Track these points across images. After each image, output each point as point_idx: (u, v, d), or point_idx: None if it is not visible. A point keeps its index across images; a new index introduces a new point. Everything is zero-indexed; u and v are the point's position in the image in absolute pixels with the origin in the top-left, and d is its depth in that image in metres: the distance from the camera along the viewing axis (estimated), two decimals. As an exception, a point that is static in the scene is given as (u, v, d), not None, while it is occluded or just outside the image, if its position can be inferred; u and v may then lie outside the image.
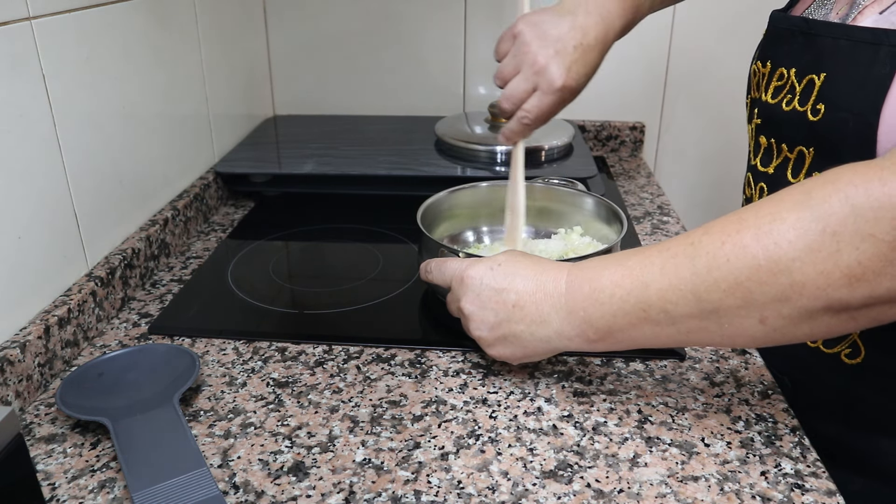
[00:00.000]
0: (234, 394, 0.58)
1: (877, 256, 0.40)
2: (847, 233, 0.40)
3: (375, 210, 0.96)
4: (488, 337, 0.56)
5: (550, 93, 0.63)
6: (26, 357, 0.57)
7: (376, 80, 1.21)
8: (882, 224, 0.39)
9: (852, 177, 0.41)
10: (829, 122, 0.54)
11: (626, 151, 1.21)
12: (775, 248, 0.42)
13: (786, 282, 0.42)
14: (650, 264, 0.48)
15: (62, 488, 0.49)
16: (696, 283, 0.46)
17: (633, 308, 0.49)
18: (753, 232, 0.43)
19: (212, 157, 0.99)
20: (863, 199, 0.40)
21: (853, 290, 0.41)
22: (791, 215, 0.42)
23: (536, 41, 0.63)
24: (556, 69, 0.62)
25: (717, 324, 0.46)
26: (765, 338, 0.46)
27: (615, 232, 0.71)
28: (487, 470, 0.50)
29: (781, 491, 0.48)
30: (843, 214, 0.41)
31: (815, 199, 0.42)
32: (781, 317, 0.44)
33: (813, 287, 0.42)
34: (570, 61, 0.63)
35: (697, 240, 0.46)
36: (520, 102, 0.65)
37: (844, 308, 0.42)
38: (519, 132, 0.67)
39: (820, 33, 0.55)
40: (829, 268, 0.41)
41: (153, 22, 0.80)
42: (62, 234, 0.65)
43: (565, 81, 0.63)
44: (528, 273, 0.54)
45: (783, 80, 0.59)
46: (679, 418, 0.55)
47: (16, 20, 0.58)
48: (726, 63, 1.16)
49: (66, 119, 0.65)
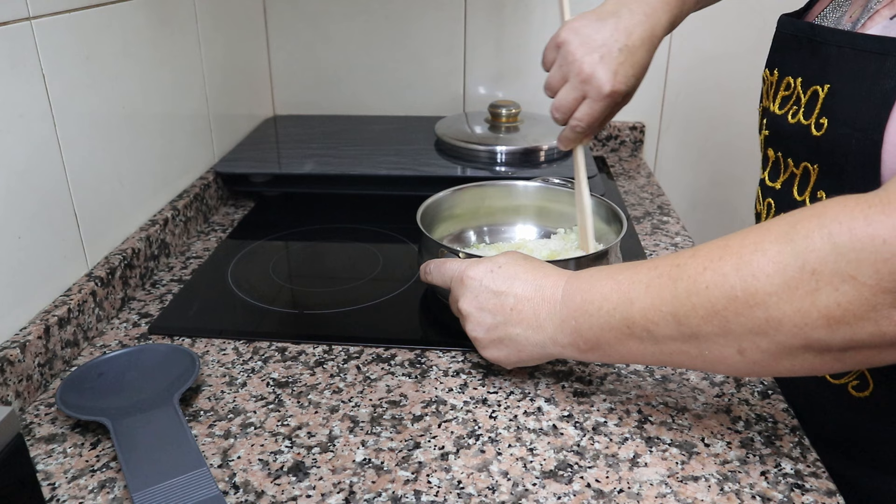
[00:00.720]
0: (234, 394, 0.58)
1: (858, 300, 0.37)
2: (827, 272, 0.38)
3: (375, 210, 0.96)
4: (484, 338, 0.56)
5: (600, 99, 0.63)
6: (26, 357, 0.57)
7: (376, 80, 1.21)
8: (864, 266, 0.37)
9: (838, 212, 0.39)
10: (832, 139, 0.51)
11: (626, 151, 1.21)
12: (753, 281, 0.41)
13: (762, 316, 0.41)
14: (638, 281, 0.47)
15: (62, 488, 0.49)
16: (675, 307, 0.44)
17: (618, 323, 0.48)
18: (735, 261, 0.42)
19: (212, 157, 0.99)
20: (846, 238, 0.37)
21: (832, 333, 0.39)
22: (773, 248, 0.40)
23: (581, 48, 0.62)
24: (603, 75, 0.62)
25: (697, 349, 0.45)
26: (746, 369, 0.44)
27: (615, 232, 0.71)
28: (487, 470, 0.50)
29: (781, 491, 0.48)
30: (823, 252, 0.38)
31: (799, 233, 0.40)
32: (760, 350, 0.42)
33: (790, 325, 0.40)
34: (616, 65, 0.62)
35: (684, 262, 0.45)
36: (570, 112, 0.65)
37: (825, 349, 0.40)
38: (574, 140, 0.68)
39: (825, 40, 0.53)
40: (807, 307, 0.39)
41: (153, 22, 0.80)
42: (62, 234, 0.65)
43: (613, 87, 0.62)
44: (527, 277, 0.54)
45: (790, 89, 0.57)
46: (679, 418, 0.55)
47: (16, 20, 0.58)
48: (726, 63, 1.16)
49: (66, 119, 0.65)
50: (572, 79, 0.63)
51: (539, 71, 0.79)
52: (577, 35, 0.63)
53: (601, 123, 0.66)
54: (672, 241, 0.86)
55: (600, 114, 0.65)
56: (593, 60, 0.62)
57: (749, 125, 1.20)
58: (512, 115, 1.04)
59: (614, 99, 0.64)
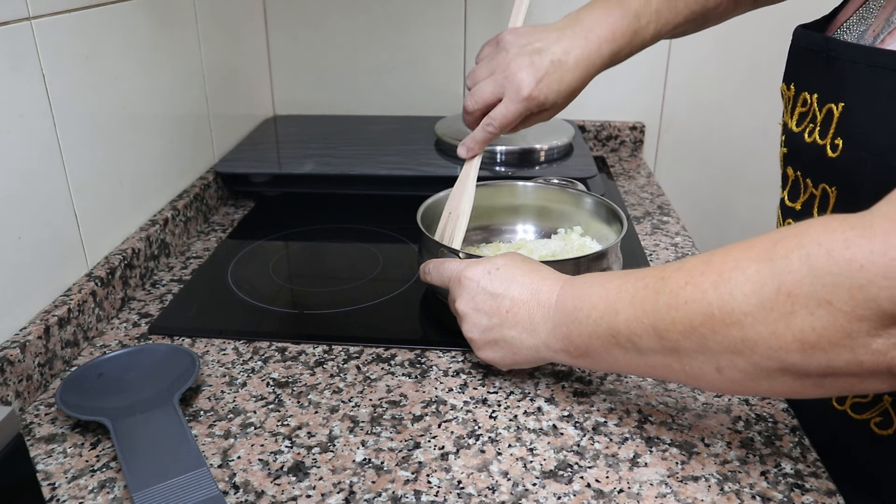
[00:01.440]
0: (234, 394, 0.58)
1: (833, 326, 0.36)
2: (802, 295, 0.36)
3: (375, 210, 0.96)
4: (479, 339, 0.56)
5: (517, 101, 0.63)
6: (26, 357, 0.57)
7: (376, 80, 1.21)
8: (840, 292, 0.35)
9: (819, 234, 0.37)
10: (847, 161, 0.48)
11: (626, 151, 1.21)
12: (730, 299, 0.39)
13: (738, 335, 0.39)
14: (625, 291, 0.47)
15: (62, 488, 0.49)
16: (656, 320, 0.44)
17: (605, 333, 0.47)
18: (714, 278, 0.41)
19: (212, 157, 0.99)
20: (823, 261, 0.36)
21: (808, 358, 0.37)
22: (752, 267, 0.39)
23: (515, 49, 0.64)
24: (526, 77, 0.62)
25: (679, 363, 0.44)
26: (725, 387, 0.43)
27: (615, 232, 0.71)
28: (487, 470, 0.50)
29: (781, 491, 0.48)
30: (800, 275, 0.37)
31: (779, 252, 0.38)
32: (737, 369, 0.41)
33: (765, 347, 0.39)
34: (542, 74, 0.62)
35: (669, 275, 0.44)
36: (482, 103, 0.65)
37: (803, 374, 0.39)
38: (482, 140, 0.68)
39: (839, 55, 0.50)
40: (781, 330, 0.38)
41: (153, 22, 0.80)
42: (62, 234, 0.65)
43: (531, 91, 0.62)
44: (524, 280, 0.54)
45: (806, 106, 0.54)
46: (679, 418, 0.55)
47: (16, 20, 0.58)
48: (727, 63, 1.16)
49: (66, 119, 0.65)
50: (497, 73, 0.64)
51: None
52: (517, 38, 0.64)
53: (508, 128, 0.66)
54: (672, 241, 0.86)
55: (513, 116, 0.64)
56: (522, 62, 0.63)
57: (748, 125, 1.21)
58: (512, 115, 1.04)
59: (529, 105, 0.63)
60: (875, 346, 0.36)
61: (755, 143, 1.21)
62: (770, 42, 1.15)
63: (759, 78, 1.15)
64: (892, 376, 0.37)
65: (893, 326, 0.35)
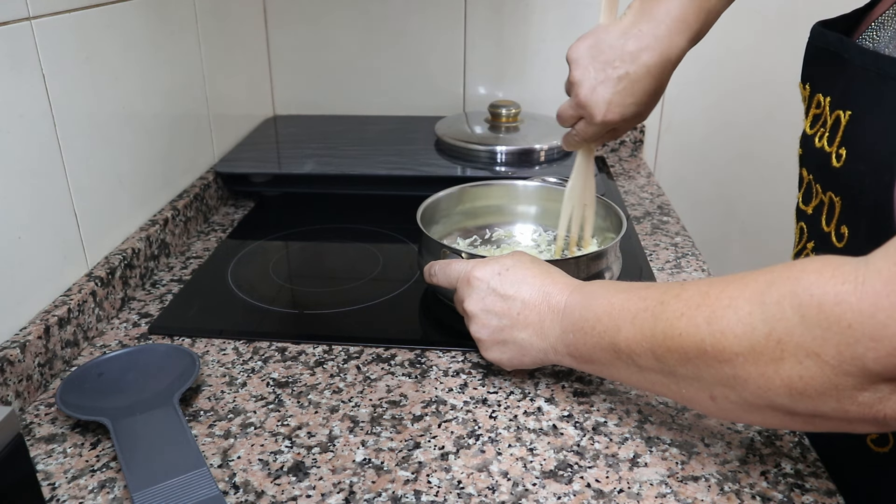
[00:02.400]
0: (234, 394, 0.58)
1: (820, 377, 0.36)
2: (792, 344, 0.37)
3: (375, 210, 0.96)
4: (488, 340, 0.56)
5: (593, 125, 0.63)
6: (26, 357, 0.57)
7: (376, 80, 1.21)
8: (828, 347, 0.35)
9: (813, 282, 0.36)
10: (848, 173, 0.47)
11: (626, 151, 1.21)
12: (721, 338, 0.40)
13: (729, 372, 0.40)
14: (627, 310, 0.47)
15: (62, 488, 0.49)
16: (654, 345, 0.44)
17: (607, 346, 0.48)
18: (708, 313, 0.41)
19: (212, 157, 0.99)
20: (814, 313, 0.36)
21: (795, 402, 0.38)
22: (745, 307, 0.39)
23: (581, 71, 0.61)
24: (596, 105, 0.61)
25: (675, 385, 0.45)
26: (718, 414, 0.44)
27: (615, 232, 0.71)
28: (487, 470, 0.50)
29: (781, 491, 0.48)
30: (791, 323, 0.37)
31: (772, 296, 0.38)
32: (729, 401, 0.41)
33: (754, 386, 0.39)
34: (611, 94, 0.60)
35: (667, 300, 0.44)
36: (567, 123, 0.66)
37: (792, 413, 0.39)
38: (574, 144, 0.68)
39: (851, 58, 0.48)
40: (770, 374, 0.38)
41: (153, 22, 0.80)
42: (62, 234, 0.65)
43: (605, 117, 0.61)
44: (535, 282, 0.54)
45: (820, 108, 0.52)
46: (679, 418, 0.55)
47: (16, 20, 0.58)
48: (727, 63, 1.16)
49: (66, 119, 0.65)
50: (572, 97, 0.64)
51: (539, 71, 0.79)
52: (583, 53, 0.62)
53: (595, 142, 0.67)
54: (672, 241, 0.86)
55: (594, 135, 0.65)
56: (591, 87, 0.61)
57: (749, 125, 1.21)
58: (512, 115, 1.04)
59: (606, 126, 0.63)
60: (861, 399, 0.36)
61: (755, 143, 1.21)
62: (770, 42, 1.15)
63: (759, 78, 1.15)
64: (878, 425, 0.37)
65: (880, 382, 0.35)
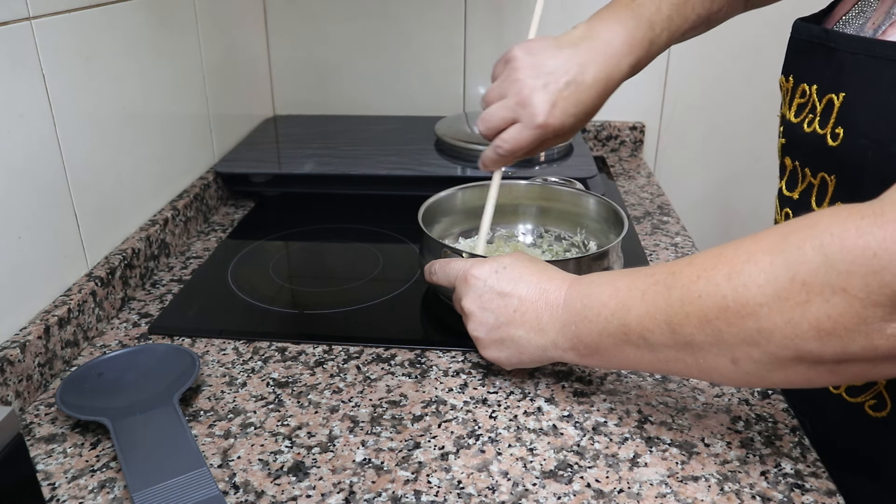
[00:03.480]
0: (234, 394, 0.58)
1: (848, 312, 0.37)
2: (817, 284, 0.37)
3: (375, 210, 0.96)
4: (486, 338, 0.56)
5: (530, 128, 0.59)
6: (26, 357, 0.57)
7: (376, 80, 1.21)
8: (854, 279, 0.36)
9: (831, 224, 0.38)
10: (848, 149, 0.49)
11: (626, 151, 1.21)
12: (744, 291, 0.40)
13: (753, 326, 0.40)
14: (635, 288, 0.47)
15: (62, 488, 0.49)
16: (670, 315, 0.44)
17: (615, 330, 0.48)
18: (727, 270, 0.42)
19: (212, 157, 0.99)
20: (836, 249, 0.37)
21: (824, 345, 0.38)
22: (765, 258, 0.40)
23: (527, 69, 0.59)
24: (540, 104, 0.58)
25: (692, 357, 0.44)
26: (740, 379, 0.44)
27: (616, 232, 0.71)
28: (487, 470, 0.50)
29: (781, 491, 0.48)
30: (815, 264, 0.38)
31: (791, 243, 0.39)
32: (753, 360, 0.42)
33: (781, 336, 0.39)
34: (557, 97, 0.58)
35: (679, 270, 0.45)
36: (495, 129, 0.61)
37: (818, 361, 0.40)
38: (495, 161, 0.63)
39: (840, 46, 0.51)
40: (797, 318, 0.38)
41: (153, 22, 0.80)
42: (62, 234, 0.65)
43: (547, 119, 0.58)
44: (532, 280, 0.54)
45: (805, 97, 0.55)
46: (679, 418, 0.55)
47: (16, 20, 0.58)
48: (726, 63, 1.16)
49: (66, 119, 0.65)
50: (509, 98, 0.60)
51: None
52: (528, 56, 0.60)
53: (523, 152, 0.62)
54: (672, 241, 0.86)
55: (527, 142, 0.60)
56: (535, 86, 0.59)
57: (749, 125, 1.21)
58: (512, 115, 1.04)
59: (545, 132, 0.60)
60: (890, 331, 0.37)
61: (755, 143, 1.21)
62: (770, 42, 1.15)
63: (759, 78, 1.15)
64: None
65: None
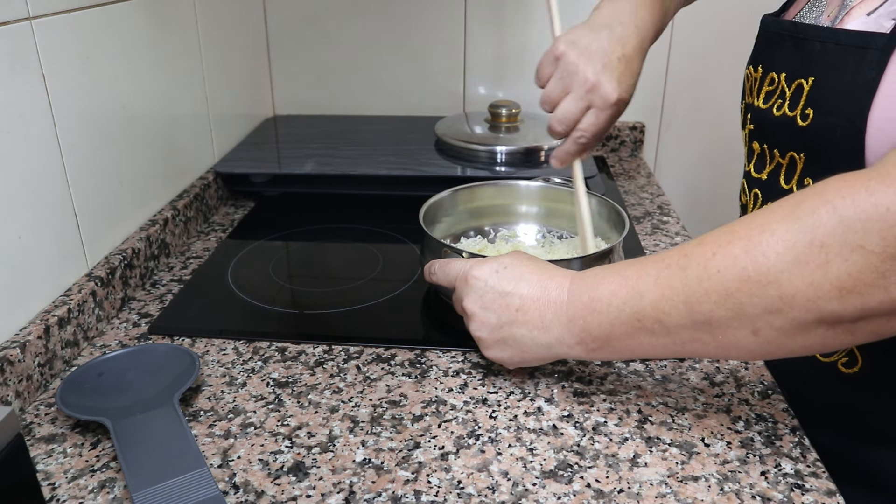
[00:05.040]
0: (234, 394, 0.58)
1: (867, 268, 0.39)
2: (835, 244, 0.40)
3: (375, 210, 0.96)
4: (488, 338, 0.56)
5: (606, 108, 0.63)
6: (26, 357, 0.57)
7: (376, 80, 1.21)
8: (871, 235, 0.39)
9: (840, 187, 0.41)
10: (818, 128, 0.53)
11: (626, 151, 1.21)
12: (764, 260, 0.42)
13: (775, 293, 0.42)
14: (645, 275, 0.48)
15: (62, 488, 0.49)
16: (687, 294, 0.45)
17: (628, 318, 0.49)
18: (744, 243, 0.43)
19: (212, 157, 0.99)
20: (850, 210, 0.39)
21: (845, 303, 0.40)
22: (780, 227, 0.42)
23: (582, 58, 0.63)
24: (609, 84, 0.62)
25: (710, 335, 0.46)
26: (759, 350, 0.45)
27: (617, 232, 0.71)
28: (487, 470, 0.50)
29: (781, 491, 0.48)
30: (831, 226, 0.40)
31: (804, 210, 0.41)
32: (774, 329, 0.43)
33: (803, 299, 0.41)
34: (618, 73, 0.63)
35: (690, 251, 0.47)
36: (574, 123, 0.65)
37: (838, 321, 0.42)
38: (576, 153, 0.67)
39: (808, 37, 0.55)
40: (819, 279, 0.41)
41: (153, 22, 0.80)
42: (62, 234, 0.65)
43: (620, 94, 0.63)
44: (533, 278, 0.54)
45: (774, 84, 0.58)
46: (679, 418, 0.55)
47: (16, 20, 0.58)
48: (726, 63, 1.16)
49: (66, 119, 0.65)
50: (576, 89, 0.63)
51: (539, 71, 0.78)
52: (574, 46, 0.63)
53: (602, 136, 0.66)
54: (672, 241, 0.86)
55: (605, 123, 0.65)
56: (597, 69, 0.62)
57: (749, 125, 1.20)
58: (512, 115, 1.04)
59: (619, 107, 0.64)
60: None
61: (755, 143, 1.20)
62: (770, 42, 1.15)
63: (759, 78, 1.15)
64: None
65: None
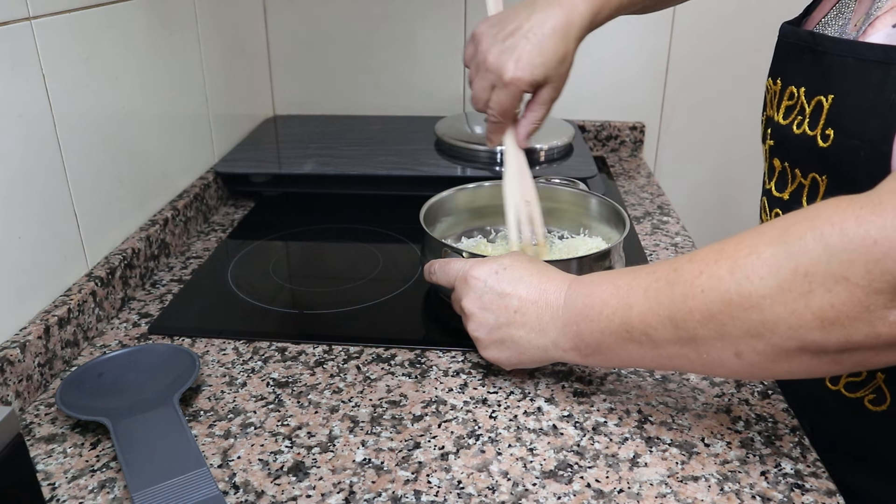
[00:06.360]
0: (234, 394, 0.58)
1: (851, 301, 0.37)
2: (819, 274, 0.38)
3: (375, 210, 0.96)
4: (486, 339, 0.56)
5: (503, 86, 0.62)
6: (26, 357, 0.57)
7: (376, 80, 1.21)
8: (856, 267, 0.37)
9: (831, 214, 0.39)
10: (840, 150, 0.50)
11: (626, 151, 1.21)
12: (747, 284, 0.41)
13: (757, 318, 0.41)
14: (636, 286, 0.47)
15: (62, 488, 0.49)
16: (673, 311, 0.45)
17: (617, 328, 0.48)
18: (730, 265, 0.42)
19: (212, 157, 0.99)
20: (837, 239, 0.37)
21: (827, 334, 0.39)
22: (767, 250, 0.41)
23: (488, 39, 0.63)
24: (503, 63, 0.61)
25: (695, 352, 0.45)
26: (744, 371, 0.44)
27: (617, 232, 0.71)
28: (487, 470, 0.50)
29: (781, 491, 0.48)
30: (816, 254, 0.38)
31: (792, 235, 0.40)
32: (756, 353, 0.42)
33: (784, 327, 0.40)
34: (519, 52, 0.61)
35: (680, 266, 0.45)
36: (483, 101, 0.64)
37: (821, 350, 0.40)
38: (492, 131, 0.67)
39: (826, 49, 0.52)
40: (801, 309, 0.39)
41: (153, 22, 0.80)
42: (62, 234, 0.65)
43: (514, 73, 0.60)
44: (532, 280, 0.54)
45: (794, 99, 0.55)
46: (679, 418, 0.55)
47: (16, 20, 0.58)
48: (726, 63, 1.16)
49: (66, 119, 0.65)
50: (481, 69, 0.63)
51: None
52: (489, 28, 0.63)
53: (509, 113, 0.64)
54: (672, 241, 0.86)
55: (507, 101, 0.63)
56: (498, 49, 0.62)
57: (749, 125, 1.20)
58: (512, 115, 1.04)
59: (518, 85, 0.61)
60: (892, 318, 0.37)
61: (755, 144, 1.20)
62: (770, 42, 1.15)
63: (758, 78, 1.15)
64: None
65: None
